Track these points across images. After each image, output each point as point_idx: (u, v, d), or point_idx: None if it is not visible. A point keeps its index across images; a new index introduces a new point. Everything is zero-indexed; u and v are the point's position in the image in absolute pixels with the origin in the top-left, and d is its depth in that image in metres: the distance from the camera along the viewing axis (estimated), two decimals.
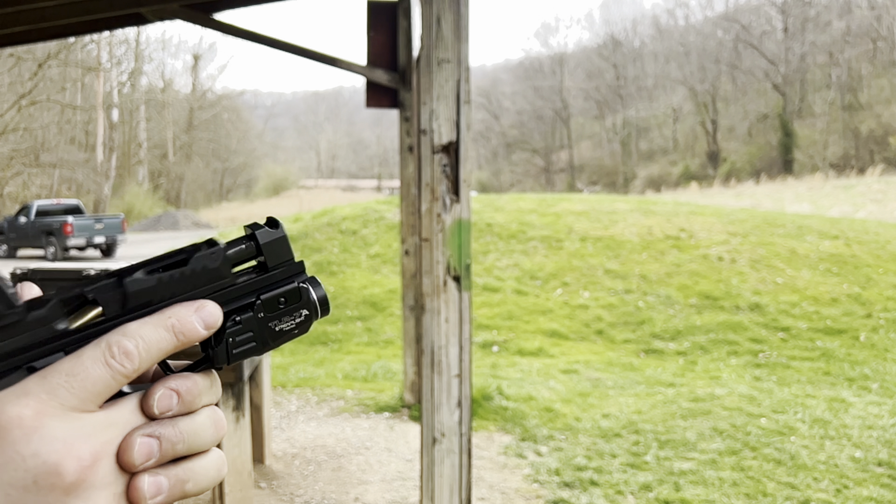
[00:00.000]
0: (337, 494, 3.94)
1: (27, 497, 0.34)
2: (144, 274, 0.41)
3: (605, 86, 56.52)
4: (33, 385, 0.35)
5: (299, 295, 0.45)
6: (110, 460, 0.36)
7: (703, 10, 55.45)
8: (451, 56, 2.66)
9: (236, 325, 0.44)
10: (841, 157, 41.13)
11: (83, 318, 0.39)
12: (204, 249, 0.43)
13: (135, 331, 0.38)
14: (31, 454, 0.34)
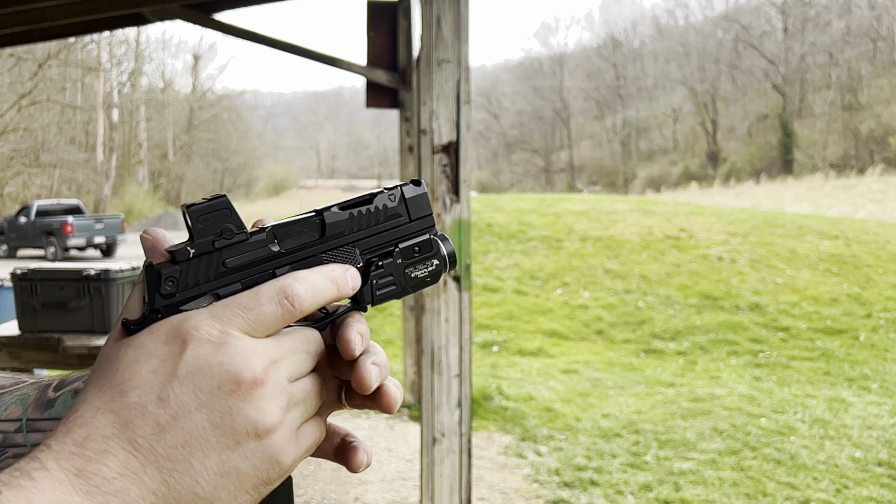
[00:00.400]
0: (337, 494, 3.95)
1: (212, 399, 0.40)
2: (339, 209, 0.49)
3: (605, 86, 56.52)
4: (219, 310, 0.42)
5: (431, 246, 0.51)
6: (277, 376, 0.42)
7: (703, 10, 55.48)
8: (451, 56, 2.66)
9: (379, 269, 0.50)
10: (841, 157, 41.14)
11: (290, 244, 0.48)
12: (385, 192, 0.50)
13: (305, 278, 0.45)
14: (217, 364, 0.40)
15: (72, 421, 0.40)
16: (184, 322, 0.42)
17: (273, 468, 0.42)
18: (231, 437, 0.40)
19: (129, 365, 0.41)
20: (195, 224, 0.45)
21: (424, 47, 2.69)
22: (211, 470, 0.40)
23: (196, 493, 0.40)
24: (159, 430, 0.39)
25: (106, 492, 0.38)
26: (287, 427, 0.42)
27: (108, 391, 0.41)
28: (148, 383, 0.40)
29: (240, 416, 0.40)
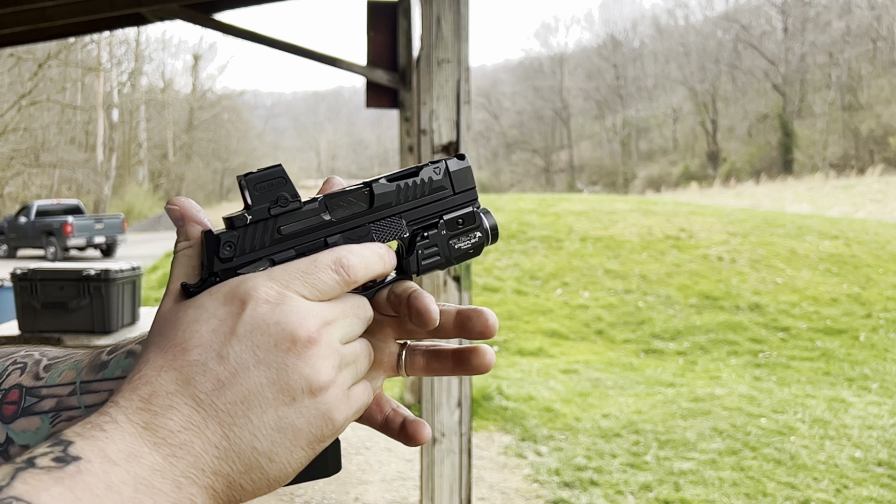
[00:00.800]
0: (337, 494, 3.95)
1: (269, 356, 0.42)
2: (386, 181, 0.51)
3: (605, 86, 56.52)
4: (278, 273, 0.45)
5: (474, 218, 0.53)
6: (330, 337, 0.44)
7: (703, 10, 55.48)
8: (451, 56, 2.66)
9: (424, 239, 0.52)
10: (841, 157, 41.14)
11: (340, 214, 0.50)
12: (431, 165, 0.52)
13: (358, 251, 0.48)
14: (274, 322, 0.42)
15: (136, 380, 0.42)
16: (242, 283, 0.44)
17: (326, 425, 0.44)
18: (287, 393, 0.42)
19: (190, 325, 0.43)
20: (252, 192, 0.47)
21: (424, 47, 2.69)
22: (268, 425, 0.42)
23: (255, 448, 0.42)
24: (220, 387, 0.41)
25: (172, 444, 0.40)
26: (339, 386, 0.44)
27: (169, 350, 0.43)
28: (208, 342, 0.42)
29: (295, 373, 0.42)
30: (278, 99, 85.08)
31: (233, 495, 0.42)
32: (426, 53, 2.67)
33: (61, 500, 0.35)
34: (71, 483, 0.36)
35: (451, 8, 2.66)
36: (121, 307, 3.46)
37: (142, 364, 0.43)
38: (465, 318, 0.50)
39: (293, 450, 0.43)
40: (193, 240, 0.48)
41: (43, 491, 0.36)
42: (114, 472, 0.38)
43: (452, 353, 0.52)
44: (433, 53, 2.65)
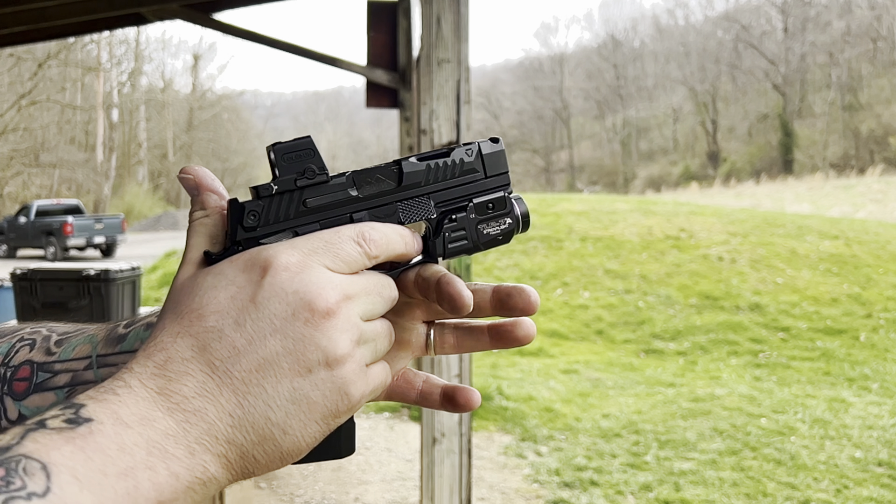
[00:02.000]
0: (337, 494, 3.94)
1: (286, 325, 0.41)
2: (416, 160, 0.50)
3: (605, 86, 56.51)
4: (300, 243, 0.44)
5: (505, 204, 0.52)
6: (349, 311, 0.43)
7: (703, 9, 55.46)
8: (451, 56, 2.66)
9: (452, 222, 0.51)
10: (841, 157, 41.14)
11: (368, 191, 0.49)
12: (463, 146, 0.51)
13: (380, 227, 0.47)
14: (293, 291, 0.42)
15: (152, 346, 0.42)
16: (263, 251, 0.43)
17: (342, 400, 0.43)
18: (302, 364, 0.42)
19: (208, 291, 0.43)
20: (279, 162, 0.46)
21: (424, 47, 2.68)
22: (283, 396, 0.41)
23: (269, 418, 0.41)
24: (235, 354, 0.41)
25: (186, 410, 0.39)
26: (356, 361, 0.43)
27: (185, 317, 0.42)
28: (226, 308, 0.42)
29: (311, 344, 0.42)
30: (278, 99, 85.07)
31: (246, 467, 0.42)
32: (426, 53, 2.67)
33: (72, 460, 0.35)
34: (82, 443, 0.36)
35: (451, 8, 2.65)
36: (121, 307, 3.46)
37: (157, 331, 0.43)
38: (504, 296, 0.49)
39: (307, 423, 0.42)
40: (210, 209, 0.47)
41: (54, 450, 0.35)
42: (126, 435, 0.37)
43: (489, 328, 0.51)
44: (433, 53, 2.65)
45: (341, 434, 0.47)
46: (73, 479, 0.35)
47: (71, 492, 0.34)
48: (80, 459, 0.35)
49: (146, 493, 0.36)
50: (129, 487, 0.36)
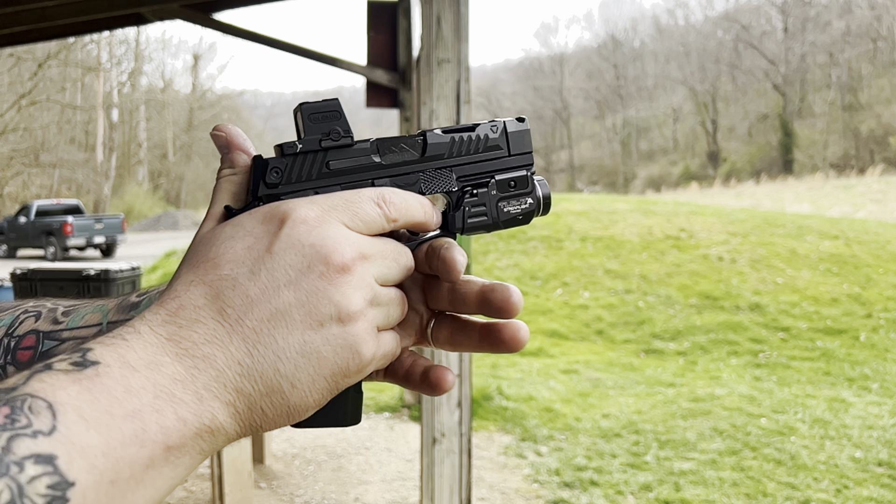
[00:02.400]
0: (337, 495, 3.94)
1: (300, 277, 0.41)
2: (442, 132, 0.50)
3: (605, 86, 56.50)
4: (319, 199, 0.44)
5: (527, 183, 0.52)
6: (364, 270, 0.43)
7: (703, 9, 55.46)
8: (451, 56, 2.66)
9: (472, 196, 0.50)
10: (841, 157, 41.13)
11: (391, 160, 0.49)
12: (489, 123, 0.51)
13: (401, 193, 0.47)
14: (310, 244, 0.42)
15: (166, 295, 0.42)
16: (283, 204, 0.43)
17: (353, 358, 0.43)
18: (315, 317, 0.41)
19: (225, 241, 0.43)
20: (306, 121, 0.47)
21: (424, 47, 2.68)
22: (293, 348, 0.41)
23: (277, 370, 0.41)
24: (248, 303, 0.41)
25: (195, 356, 0.39)
26: (369, 321, 0.43)
27: (201, 265, 0.42)
28: (241, 257, 0.42)
29: (324, 297, 0.42)
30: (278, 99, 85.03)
31: (253, 419, 0.41)
32: (426, 53, 2.67)
33: (79, 400, 0.35)
34: (89, 384, 0.36)
35: (451, 8, 2.65)
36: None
37: (173, 280, 0.43)
38: (487, 290, 0.49)
39: (316, 378, 0.42)
40: (238, 167, 0.48)
41: (60, 390, 0.35)
42: (133, 378, 0.37)
43: (481, 327, 0.50)
44: (433, 53, 2.65)
45: (348, 401, 0.47)
46: (80, 418, 0.34)
47: (77, 431, 0.34)
48: (87, 400, 0.35)
49: (154, 435, 0.36)
50: (137, 429, 0.36)
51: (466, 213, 0.50)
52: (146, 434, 0.36)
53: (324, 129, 0.47)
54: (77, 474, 0.33)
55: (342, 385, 0.43)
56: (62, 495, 0.33)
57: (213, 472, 3.27)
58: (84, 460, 0.34)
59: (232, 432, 0.41)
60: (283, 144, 0.46)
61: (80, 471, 0.33)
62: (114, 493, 0.35)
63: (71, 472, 0.33)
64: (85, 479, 0.33)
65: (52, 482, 0.32)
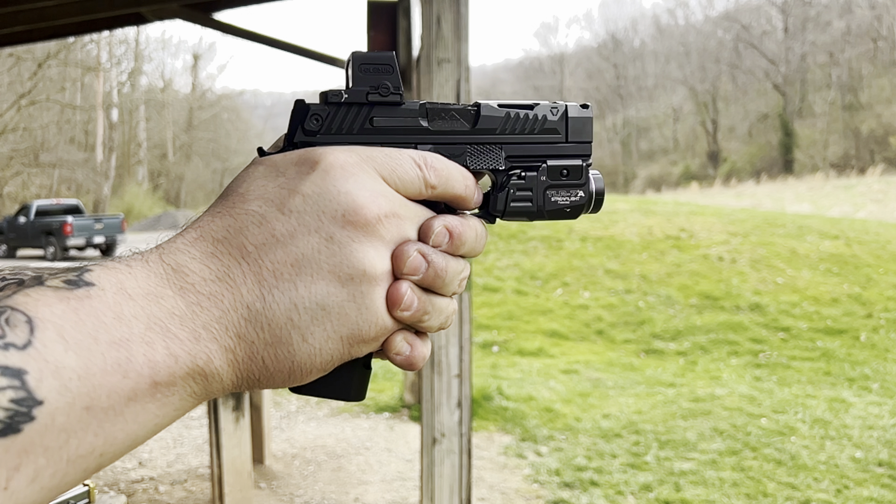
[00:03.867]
0: (337, 495, 3.94)
1: (332, 226, 0.39)
2: (497, 105, 0.47)
3: (605, 85, 56.51)
4: (358, 149, 0.42)
5: (581, 174, 0.48)
6: (395, 227, 0.41)
7: (704, 9, 55.45)
8: (451, 56, 2.65)
9: (520, 179, 0.47)
10: (841, 157, 41.12)
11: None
12: (549, 104, 0.48)
13: (444, 160, 0.44)
14: (345, 191, 0.39)
15: (189, 224, 0.40)
16: (319, 149, 0.41)
17: (376, 321, 0.40)
18: (345, 269, 0.39)
19: (257, 179, 0.40)
20: (356, 71, 0.44)
21: (424, 47, 2.68)
22: (314, 298, 0.38)
23: (291, 319, 0.38)
24: (273, 242, 0.38)
25: (200, 292, 0.37)
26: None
27: (230, 198, 0.40)
28: (272, 195, 0.39)
29: (360, 251, 0.39)
30: (278, 99, 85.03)
31: (252, 370, 0.38)
32: (426, 53, 2.66)
33: (62, 319, 0.33)
34: (77, 304, 0.34)
35: (451, 8, 2.65)
36: None
37: (203, 212, 0.41)
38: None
39: (331, 336, 0.39)
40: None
41: (44, 306, 0.33)
42: (126, 305, 0.35)
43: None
44: (433, 53, 2.64)
45: (354, 375, 0.44)
46: (59, 337, 0.32)
47: (55, 350, 0.32)
48: (71, 320, 0.33)
49: (139, 367, 0.34)
50: (121, 358, 0.34)
51: (510, 195, 0.47)
52: (131, 365, 0.34)
53: (373, 82, 0.44)
54: (47, 393, 0.31)
55: (353, 352, 0.41)
56: (27, 412, 0.31)
57: (213, 472, 3.27)
58: (56, 381, 0.32)
59: (227, 381, 0.38)
60: (329, 92, 0.44)
61: (51, 390, 0.32)
62: (89, 420, 0.33)
63: (40, 391, 0.31)
64: (55, 400, 0.32)
65: (17, 396, 0.31)
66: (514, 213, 0.47)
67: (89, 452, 0.33)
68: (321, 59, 5.65)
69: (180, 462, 4.35)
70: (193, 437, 4.77)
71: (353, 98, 0.44)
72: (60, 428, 0.32)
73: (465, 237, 0.44)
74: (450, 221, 0.44)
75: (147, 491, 3.90)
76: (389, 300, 0.41)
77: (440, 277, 0.43)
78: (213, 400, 3.22)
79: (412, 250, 0.41)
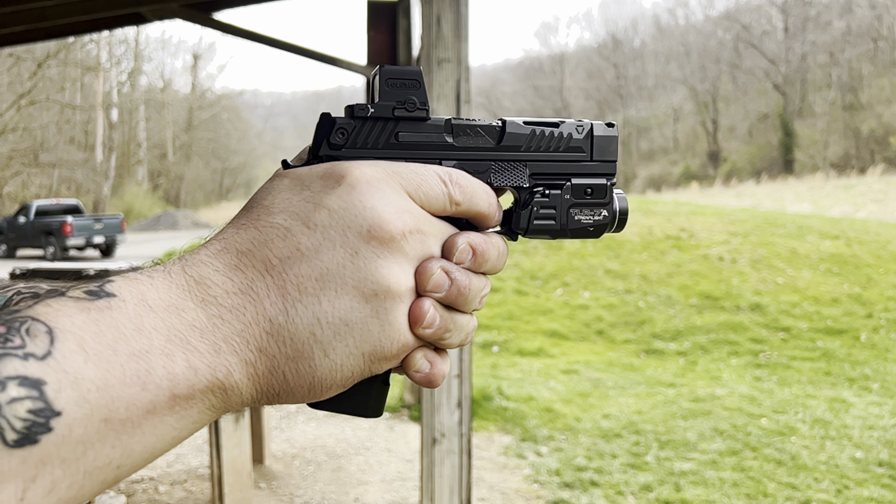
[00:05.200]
0: (337, 495, 3.94)
1: (357, 241, 0.39)
2: (522, 122, 0.47)
3: (605, 85, 56.50)
4: (384, 164, 0.42)
5: (605, 193, 0.48)
6: (419, 243, 0.40)
7: (704, 9, 55.45)
8: (451, 56, 2.65)
9: (543, 197, 0.47)
10: (841, 156, 41.11)
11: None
12: (574, 122, 0.48)
13: (468, 177, 0.44)
14: (371, 207, 0.39)
15: (213, 236, 0.40)
16: (345, 163, 0.41)
17: (397, 338, 0.40)
18: (369, 285, 0.38)
19: (282, 191, 0.40)
20: (383, 85, 0.44)
21: (424, 47, 2.67)
22: (337, 313, 0.38)
23: (313, 334, 0.38)
24: (298, 256, 0.38)
25: (222, 305, 0.37)
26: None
27: (255, 210, 0.40)
28: (297, 208, 0.39)
29: (384, 267, 0.39)
30: (278, 98, 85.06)
31: (272, 384, 0.38)
32: (426, 53, 2.66)
33: (83, 330, 0.33)
34: (97, 315, 0.34)
35: (451, 7, 2.65)
36: None
37: (225, 226, 0.40)
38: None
39: (353, 352, 0.39)
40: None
41: (65, 317, 0.33)
42: (147, 317, 0.35)
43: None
44: (433, 53, 2.64)
45: (372, 391, 0.44)
46: (79, 348, 0.32)
47: (74, 361, 0.32)
48: (91, 331, 0.33)
49: (158, 380, 0.34)
50: (140, 370, 0.34)
51: (534, 213, 0.47)
52: (150, 377, 0.34)
53: (400, 97, 0.44)
54: (65, 404, 0.31)
55: (373, 368, 0.40)
56: (45, 423, 0.31)
57: (213, 472, 3.26)
58: (75, 392, 0.32)
59: (247, 395, 0.38)
60: (355, 106, 0.44)
61: (69, 402, 0.31)
62: (106, 432, 0.33)
63: (58, 402, 0.31)
64: (73, 411, 0.31)
65: (35, 407, 0.31)
66: (537, 230, 0.47)
67: (106, 465, 0.33)
68: (321, 59, 5.65)
69: (180, 462, 4.35)
70: (193, 437, 4.77)
71: (380, 112, 0.44)
72: (78, 440, 0.32)
73: (488, 255, 0.44)
74: (473, 238, 0.43)
75: (147, 491, 3.90)
76: (412, 317, 0.41)
77: (463, 295, 0.43)
78: None
79: (436, 267, 0.41)
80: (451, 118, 0.46)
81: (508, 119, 0.47)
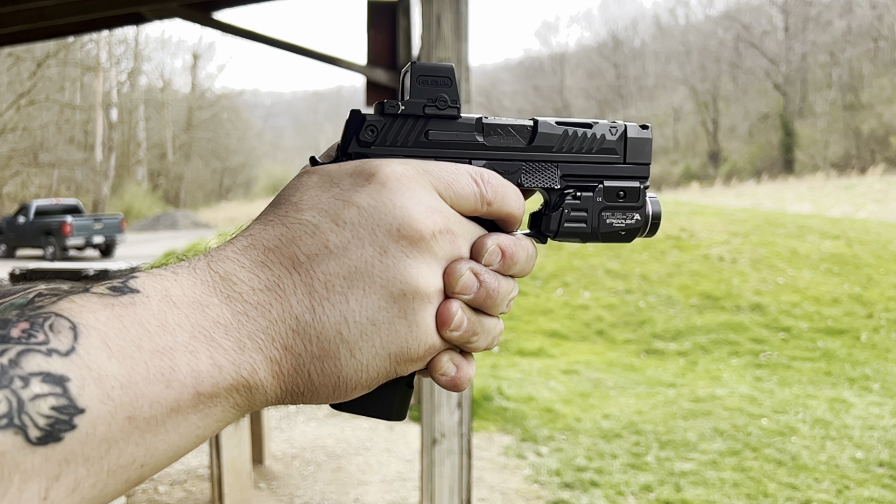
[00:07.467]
0: (336, 495, 3.93)
1: (386, 239, 0.38)
2: (555, 123, 0.46)
3: (605, 85, 56.50)
4: (414, 162, 0.41)
5: (638, 196, 0.47)
6: (448, 244, 0.40)
7: (704, 9, 55.45)
8: (451, 56, 2.64)
9: (575, 199, 0.46)
10: (842, 156, 41.11)
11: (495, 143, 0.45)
12: (608, 123, 0.47)
13: (498, 177, 0.44)
14: (401, 205, 0.38)
15: (240, 232, 0.39)
16: (374, 160, 0.40)
17: (424, 340, 0.39)
18: (398, 285, 0.38)
19: (311, 188, 0.40)
20: (414, 82, 0.44)
21: (424, 46, 2.67)
22: (365, 312, 0.37)
23: (340, 333, 0.37)
24: (326, 253, 0.37)
25: (248, 301, 0.36)
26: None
27: (282, 206, 0.39)
28: (326, 205, 0.38)
29: (413, 267, 0.38)
30: (278, 98, 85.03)
31: (297, 383, 0.37)
32: (426, 53, 2.66)
33: (107, 326, 0.32)
34: (121, 311, 0.33)
35: (451, 7, 2.64)
36: None
37: (253, 222, 0.40)
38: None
39: (378, 353, 0.38)
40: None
41: (88, 312, 0.33)
42: (171, 313, 0.34)
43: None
44: (433, 53, 2.64)
45: (396, 395, 0.43)
46: (103, 344, 0.32)
47: (98, 357, 0.31)
48: (115, 327, 0.33)
49: (182, 377, 0.33)
50: (164, 367, 0.33)
51: (564, 216, 0.46)
52: (174, 374, 0.33)
53: (431, 95, 0.44)
54: (88, 402, 0.31)
55: (399, 370, 0.40)
56: (69, 420, 0.30)
57: (213, 472, 3.26)
58: (99, 388, 0.31)
59: (271, 393, 0.37)
60: (385, 103, 0.43)
61: (93, 398, 0.31)
62: (130, 430, 0.32)
63: (82, 399, 0.31)
64: (97, 409, 0.31)
65: (59, 404, 0.30)
66: (567, 233, 0.46)
67: (130, 463, 0.33)
68: (321, 58, 5.64)
69: (180, 462, 4.34)
70: None
71: (410, 110, 0.43)
72: (102, 437, 0.31)
73: (517, 257, 0.43)
74: (502, 240, 0.43)
75: (146, 491, 3.89)
76: (439, 319, 0.40)
77: (491, 298, 0.42)
78: None
79: (465, 269, 0.41)
80: (483, 117, 0.45)
81: (540, 119, 0.46)
